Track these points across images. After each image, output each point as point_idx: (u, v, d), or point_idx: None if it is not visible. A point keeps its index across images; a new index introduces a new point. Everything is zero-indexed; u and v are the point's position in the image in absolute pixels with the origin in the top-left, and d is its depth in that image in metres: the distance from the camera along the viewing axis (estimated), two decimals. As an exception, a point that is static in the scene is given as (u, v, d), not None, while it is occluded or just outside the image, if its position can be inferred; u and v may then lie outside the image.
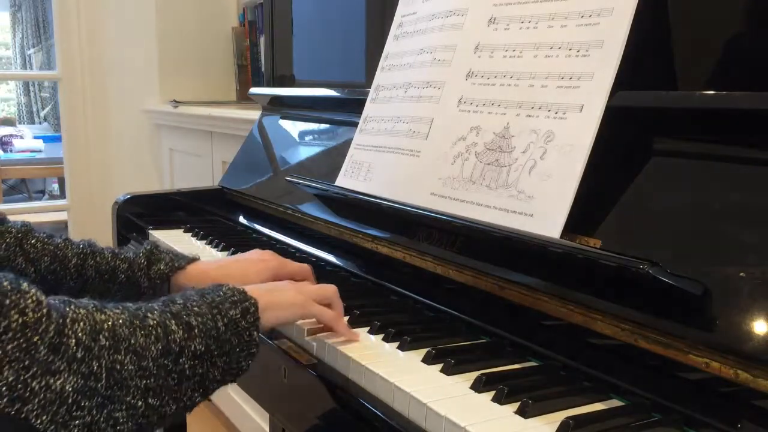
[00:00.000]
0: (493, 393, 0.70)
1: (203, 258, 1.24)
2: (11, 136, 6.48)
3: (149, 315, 0.71)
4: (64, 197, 3.25)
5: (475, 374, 0.73)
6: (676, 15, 0.81)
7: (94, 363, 0.64)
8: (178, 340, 0.71)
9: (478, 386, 0.72)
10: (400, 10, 1.20)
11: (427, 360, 0.79)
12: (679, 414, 0.65)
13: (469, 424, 0.64)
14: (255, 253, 1.03)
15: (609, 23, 0.82)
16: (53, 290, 0.95)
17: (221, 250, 1.30)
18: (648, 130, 0.80)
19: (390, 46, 1.19)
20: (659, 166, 0.78)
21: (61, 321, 0.63)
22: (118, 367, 0.66)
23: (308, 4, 1.64)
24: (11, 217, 1.00)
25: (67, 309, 0.65)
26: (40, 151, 6.19)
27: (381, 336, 0.86)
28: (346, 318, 0.92)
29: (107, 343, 0.66)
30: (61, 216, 3.55)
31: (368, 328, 0.89)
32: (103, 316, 0.67)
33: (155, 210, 1.57)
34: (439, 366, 0.77)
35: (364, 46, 1.41)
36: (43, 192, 6.78)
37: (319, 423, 0.83)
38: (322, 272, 1.18)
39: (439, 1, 1.09)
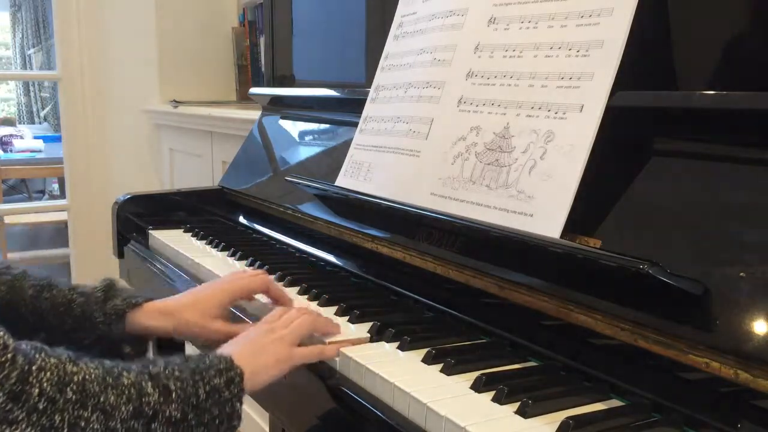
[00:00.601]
0: (493, 393, 0.70)
1: (203, 258, 1.24)
2: (11, 136, 6.47)
3: (124, 374, 0.68)
4: (64, 197, 3.24)
5: (475, 374, 0.73)
6: (676, 15, 0.81)
7: (56, 416, 0.61)
8: (152, 403, 0.67)
9: (478, 386, 0.72)
10: (400, 10, 1.19)
11: (427, 360, 0.79)
12: (679, 414, 0.65)
13: (469, 424, 0.65)
14: (210, 283, 1.02)
15: (609, 23, 0.82)
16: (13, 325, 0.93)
17: (221, 250, 1.30)
18: (648, 130, 0.80)
19: (390, 46, 1.19)
20: (659, 166, 0.78)
21: (26, 368, 0.61)
22: (83, 424, 0.63)
23: (308, 4, 1.64)
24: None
25: (37, 356, 0.62)
26: (40, 151, 6.18)
27: (381, 336, 0.86)
28: (346, 318, 0.92)
29: (74, 397, 0.63)
30: (61, 216, 3.55)
31: (368, 327, 0.89)
32: (74, 368, 0.64)
33: (155, 210, 1.57)
34: (439, 366, 0.77)
35: (364, 46, 1.41)
36: (43, 192, 6.78)
37: (319, 423, 0.83)
38: (323, 272, 1.18)
39: (439, 1, 1.09)
